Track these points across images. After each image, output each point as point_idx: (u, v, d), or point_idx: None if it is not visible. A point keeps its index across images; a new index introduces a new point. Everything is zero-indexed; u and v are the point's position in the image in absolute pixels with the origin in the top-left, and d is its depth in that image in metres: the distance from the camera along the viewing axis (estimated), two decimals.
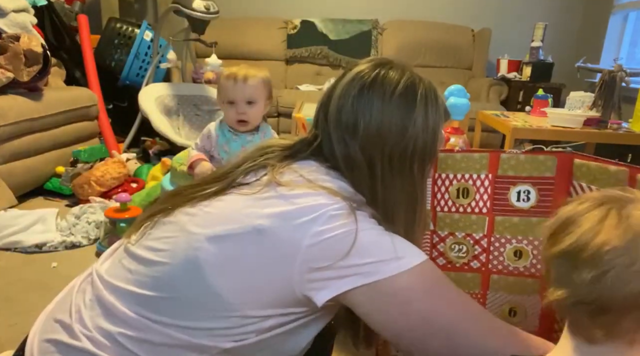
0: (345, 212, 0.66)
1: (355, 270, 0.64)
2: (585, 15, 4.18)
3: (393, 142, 0.70)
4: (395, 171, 0.72)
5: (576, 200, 0.56)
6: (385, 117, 0.70)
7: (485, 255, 1.09)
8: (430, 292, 0.68)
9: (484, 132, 3.14)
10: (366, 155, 0.71)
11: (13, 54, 2.26)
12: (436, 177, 1.07)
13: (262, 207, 0.67)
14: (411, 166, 0.72)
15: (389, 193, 0.72)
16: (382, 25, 4.17)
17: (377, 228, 0.69)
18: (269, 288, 0.65)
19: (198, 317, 0.66)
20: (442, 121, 0.76)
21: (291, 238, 0.64)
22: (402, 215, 0.73)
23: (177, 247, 0.68)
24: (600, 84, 2.38)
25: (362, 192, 0.72)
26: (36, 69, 2.31)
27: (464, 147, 1.57)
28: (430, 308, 0.67)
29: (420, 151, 0.72)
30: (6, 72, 2.23)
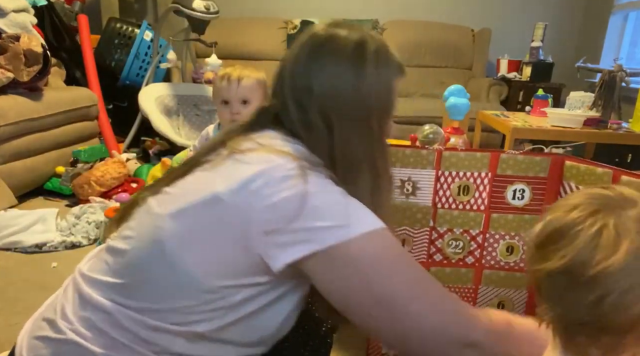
0: (296, 172, 0.65)
1: (307, 235, 0.64)
2: (585, 15, 4.18)
3: (348, 100, 0.71)
4: (353, 129, 0.72)
5: (563, 204, 0.53)
6: (337, 75, 0.71)
7: (479, 250, 1.13)
8: (381, 262, 0.67)
9: (484, 132, 3.15)
10: (323, 116, 0.71)
11: (13, 54, 2.26)
12: (439, 174, 1.09)
13: (218, 175, 0.68)
14: (369, 123, 0.73)
15: (349, 153, 0.72)
16: (382, 25, 4.17)
17: (332, 190, 0.68)
18: (230, 256, 0.65)
19: (168, 297, 0.67)
20: (395, 76, 0.76)
21: (244, 202, 0.64)
22: (366, 175, 0.73)
23: (142, 230, 0.70)
24: (600, 83, 2.38)
25: (321, 155, 0.72)
26: (36, 69, 2.31)
27: (463, 147, 1.57)
28: (378, 279, 0.66)
29: (376, 107, 0.73)
30: (6, 72, 2.23)
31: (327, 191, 0.67)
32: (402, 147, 1.10)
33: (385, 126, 0.76)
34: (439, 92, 2.27)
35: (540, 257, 0.52)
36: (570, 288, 0.49)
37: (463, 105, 1.65)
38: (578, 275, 0.48)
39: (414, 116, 3.49)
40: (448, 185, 1.10)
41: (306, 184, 0.65)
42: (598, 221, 0.49)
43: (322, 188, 0.67)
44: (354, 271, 0.65)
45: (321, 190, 0.66)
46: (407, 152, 1.08)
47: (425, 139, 1.29)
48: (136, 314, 0.67)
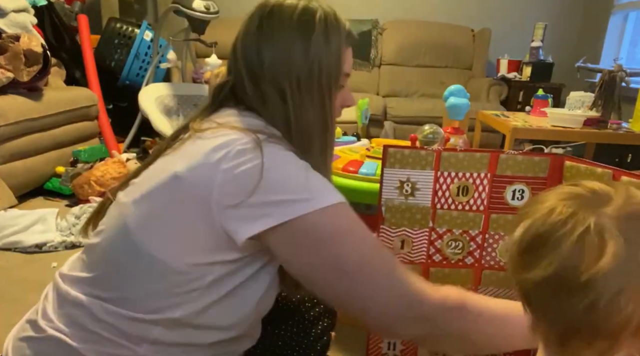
0: (251, 146, 0.66)
1: (267, 209, 0.64)
2: (585, 15, 4.18)
3: (298, 67, 0.72)
4: (305, 97, 0.73)
5: (539, 207, 0.52)
6: (286, 45, 0.72)
7: (479, 251, 1.13)
8: (339, 236, 0.68)
9: (484, 132, 3.14)
10: (275, 87, 0.73)
11: (13, 54, 2.26)
12: (438, 175, 1.09)
13: (177, 157, 0.70)
14: (320, 89, 0.74)
15: (303, 120, 0.73)
16: (382, 25, 4.17)
17: (291, 163, 0.69)
18: (195, 234, 0.66)
19: (138, 284, 0.67)
20: (344, 42, 0.76)
21: (204, 178, 0.65)
22: (317, 142, 0.75)
23: (110, 222, 0.72)
24: (600, 84, 2.38)
25: (278, 126, 0.73)
26: (36, 69, 2.31)
27: (463, 147, 1.57)
28: (336, 252, 0.68)
29: (326, 73, 0.74)
30: (6, 72, 2.23)
31: (286, 164, 0.68)
32: (401, 147, 1.10)
33: (334, 92, 0.76)
34: (439, 92, 2.27)
35: (524, 265, 0.51)
36: (561, 295, 0.48)
37: (463, 105, 1.65)
38: (568, 282, 0.47)
39: (414, 116, 3.49)
40: (447, 185, 1.10)
41: (262, 157, 0.65)
42: (578, 224, 0.48)
43: (280, 161, 0.67)
44: (313, 244, 0.67)
45: (279, 163, 0.67)
46: (405, 153, 1.08)
47: (425, 139, 1.29)
48: (111, 306, 0.68)
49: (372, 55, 4.10)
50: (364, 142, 1.86)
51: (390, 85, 4.06)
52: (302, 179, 0.67)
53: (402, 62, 4.11)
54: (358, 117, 1.88)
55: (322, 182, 0.70)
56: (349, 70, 0.79)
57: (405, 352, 1.22)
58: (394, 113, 3.57)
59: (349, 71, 0.79)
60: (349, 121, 3.09)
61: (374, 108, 3.34)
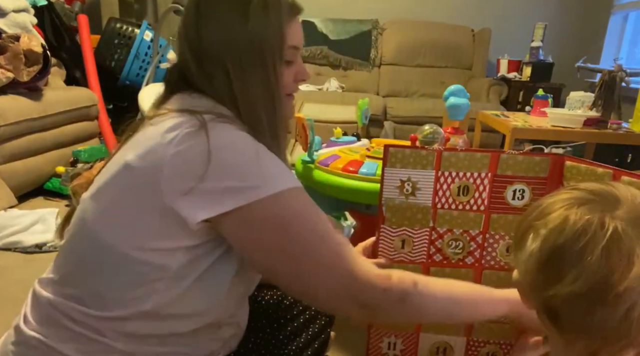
0: (196, 129, 0.65)
1: (218, 195, 0.64)
2: (585, 15, 4.18)
3: (238, 43, 0.71)
4: (248, 73, 0.72)
5: (552, 218, 0.51)
6: (224, 20, 0.71)
7: (479, 251, 1.13)
8: (289, 223, 0.67)
9: (484, 132, 3.15)
10: (218, 64, 0.71)
11: (13, 54, 2.26)
12: (439, 174, 1.09)
13: (129, 147, 0.70)
14: (263, 64, 0.72)
15: (249, 97, 0.72)
16: (382, 25, 4.17)
17: (241, 145, 0.67)
18: (149, 221, 0.65)
19: (105, 279, 0.67)
20: (287, 13, 0.75)
21: (153, 165, 0.65)
22: (265, 119, 0.73)
23: (74, 221, 0.73)
24: (600, 84, 2.38)
25: (227, 105, 0.72)
26: (36, 69, 2.31)
27: (463, 147, 1.57)
28: (285, 239, 0.67)
29: (268, 47, 0.72)
30: (6, 72, 2.23)
31: (235, 146, 0.66)
32: (402, 147, 1.10)
33: (278, 65, 0.74)
34: (439, 92, 2.27)
35: (547, 281, 0.50)
36: (595, 308, 0.47)
37: (463, 105, 1.65)
38: (603, 294, 0.47)
39: (414, 116, 3.49)
40: (448, 185, 1.10)
41: (209, 139, 0.64)
42: (598, 232, 0.47)
43: (229, 144, 0.66)
44: (263, 231, 0.66)
45: (228, 145, 0.66)
46: (406, 152, 1.08)
47: (425, 139, 1.29)
48: (80, 306, 0.68)
49: (372, 55, 4.11)
50: (364, 142, 1.86)
51: (390, 85, 4.06)
52: (253, 163, 0.66)
53: (402, 62, 4.11)
54: (358, 117, 1.89)
55: (274, 165, 0.69)
56: (297, 42, 0.77)
57: (405, 352, 1.22)
58: (394, 113, 3.57)
59: (297, 43, 0.77)
60: (349, 121, 3.09)
61: (374, 108, 3.34)
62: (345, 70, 4.12)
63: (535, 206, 0.55)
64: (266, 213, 0.65)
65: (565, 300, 0.49)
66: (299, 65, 0.79)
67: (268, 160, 0.68)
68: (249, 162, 0.66)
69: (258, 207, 0.64)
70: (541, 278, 0.51)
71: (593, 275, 0.47)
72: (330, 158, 1.46)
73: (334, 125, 2.35)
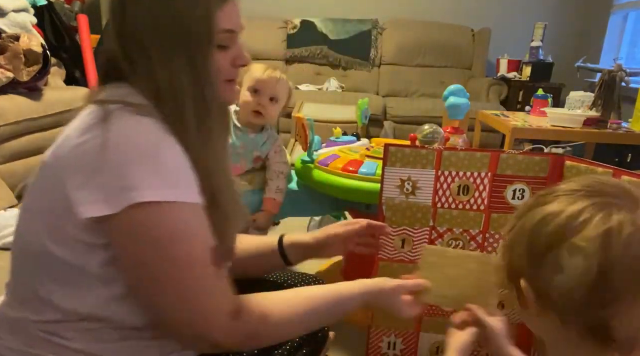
0: (98, 121, 0.63)
1: (104, 194, 0.60)
2: (585, 15, 4.18)
3: (162, 25, 0.67)
4: (172, 58, 0.67)
5: (579, 227, 0.49)
6: (151, 5, 0.67)
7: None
8: (158, 241, 0.62)
9: (484, 132, 3.15)
10: (142, 50, 0.67)
11: (13, 54, 2.26)
12: (439, 174, 1.09)
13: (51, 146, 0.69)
14: (189, 49, 0.68)
15: (172, 87, 0.67)
16: (382, 25, 4.17)
17: (141, 142, 0.62)
18: (62, 218, 0.63)
19: (40, 283, 0.67)
20: (215, 3, 0.69)
21: (58, 158, 0.65)
22: (190, 110, 0.68)
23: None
24: (600, 84, 2.38)
25: (148, 94, 0.68)
26: (36, 69, 2.31)
27: (463, 147, 1.57)
28: (149, 257, 0.62)
29: (195, 31, 0.68)
30: (6, 72, 2.23)
31: (135, 144, 0.62)
32: (402, 146, 1.10)
33: (211, 58, 0.70)
34: (439, 92, 2.27)
35: (602, 301, 0.48)
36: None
37: (463, 105, 1.64)
38: None
39: (414, 116, 3.49)
40: (448, 185, 1.10)
41: (107, 133, 0.61)
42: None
43: (127, 140, 0.62)
44: (135, 240, 0.62)
45: (126, 142, 0.62)
46: (407, 152, 1.08)
47: (425, 139, 1.29)
48: (23, 313, 0.68)
49: (372, 55, 4.11)
50: (364, 142, 1.86)
51: (390, 85, 4.06)
52: (148, 164, 0.61)
53: (402, 62, 4.11)
54: (358, 117, 1.89)
55: (173, 171, 0.63)
56: (232, 26, 0.72)
57: (405, 352, 1.22)
58: (394, 113, 3.57)
59: (232, 27, 0.72)
60: (349, 121, 3.09)
61: (374, 108, 3.34)
62: (345, 70, 4.12)
63: (553, 214, 0.52)
64: (143, 222, 0.61)
65: (624, 316, 0.48)
66: (237, 50, 0.74)
67: (168, 165, 0.63)
68: (144, 162, 0.61)
69: (137, 213, 0.60)
70: (596, 299, 0.49)
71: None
72: (330, 158, 1.46)
73: (334, 125, 2.35)
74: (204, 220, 0.66)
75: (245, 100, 1.42)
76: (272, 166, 1.47)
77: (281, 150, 1.50)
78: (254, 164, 1.47)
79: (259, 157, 1.47)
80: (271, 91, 1.41)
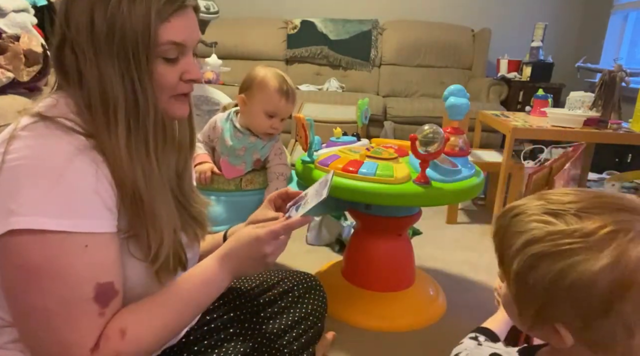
0: (8, 136, 0.61)
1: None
2: (585, 15, 4.18)
3: (98, 31, 0.64)
4: (107, 68, 0.65)
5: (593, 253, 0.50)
6: (88, 8, 0.64)
7: None
8: (28, 270, 0.60)
9: (484, 132, 3.14)
10: (76, 53, 0.65)
11: (13, 54, 2.26)
12: None
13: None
14: (125, 57, 0.65)
15: (102, 95, 0.65)
16: (382, 25, 4.17)
17: (46, 165, 0.60)
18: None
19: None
20: (156, 7, 0.66)
21: None
22: (122, 124, 0.65)
23: None
24: (600, 84, 2.38)
25: (79, 102, 0.66)
26: (36, 69, 2.31)
27: (464, 147, 1.57)
28: (17, 285, 0.61)
29: (131, 39, 0.64)
30: (6, 72, 2.23)
31: (33, 167, 0.60)
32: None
33: (150, 70, 0.67)
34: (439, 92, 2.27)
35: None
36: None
37: (463, 105, 1.64)
38: None
39: (414, 116, 3.49)
40: None
41: (8, 148, 0.60)
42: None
43: (27, 163, 0.60)
44: (6, 264, 0.61)
45: (25, 165, 0.60)
46: None
47: (425, 139, 1.29)
48: None
49: (372, 55, 4.11)
50: (364, 142, 1.86)
51: (390, 85, 4.06)
52: (44, 188, 0.59)
53: (402, 62, 4.11)
54: (358, 117, 1.89)
55: (67, 196, 0.60)
56: (180, 39, 0.68)
57: None
58: (394, 113, 3.57)
59: (180, 40, 0.68)
60: (349, 121, 3.09)
61: (374, 108, 3.34)
62: (345, 70, 4.12)
63: (600, 271, 0.50)
64: (15, 249, 0.59)
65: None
66: (186, 64, 0.71)
67: (68, 190, 0.60)
68: (39, 185, 0.59)
69: (13, 238, 0.58)
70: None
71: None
72: (330, 158, 1.46)
73: (334, 125, 2.35)
74: (97, 252, 0.63)
75: (260, 123, 1.42)
76: (272, 168, 1.47)
77: (281, 151, 1.50)
78: (253, 166, 1.47)
79: (258, 159, 1.47)
80: (286, 114, 1.42)
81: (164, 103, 0.71)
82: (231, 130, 1.44)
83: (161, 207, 0.70)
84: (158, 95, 0.69)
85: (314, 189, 0.88)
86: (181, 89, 0.72)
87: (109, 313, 0.65)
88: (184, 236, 0.80)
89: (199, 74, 0.73)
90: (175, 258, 0.74)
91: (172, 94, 0.72)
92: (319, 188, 0.86)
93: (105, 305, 0.64)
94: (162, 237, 0.70)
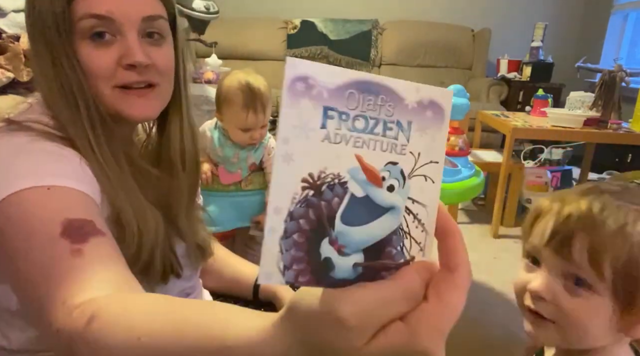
0: None
1: None
2: (585, 15, 4.18)
3: (27, 15, 0.61)
4: (36, 48, 0.61)
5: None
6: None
7: None
8: (10, 227, 0.52)
9: (484, 132, 3.15)
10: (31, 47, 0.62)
11: (13, 54, 2.26)
12: None
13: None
14: (45, 37, 0.59)
15: (41, 83, 0.63)
16: (382, 25, 4.17)
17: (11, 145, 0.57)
18: None
19: None
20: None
21: None
22: (64, 111, 0.61)
23: None
24: (600, 84, 2.38)
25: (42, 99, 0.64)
26: None
27: (463, 147, 1.57)
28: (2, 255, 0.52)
29: (44, 12, 0.58)
30: (6, 72, 2.23)
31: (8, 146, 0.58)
32: None
33: (72, 49, 0.59)
34: None
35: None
36: None
37: (463, 105, 1.64)
38: None
39: None
40: None
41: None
42: None
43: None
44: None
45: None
46: None
47: None
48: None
49: (372, 55, 4.11)
50: None
51: None
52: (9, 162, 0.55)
53: (402, 62, 4.11)
54: None
55: (25, 165, 0.55)
56: (103, 10, 0.59)
57: None
58: None
59: (104, 11, 0.59)
60: None
61: None
62: None
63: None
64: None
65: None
66: (124, 46, 0.60)
67: (25, 159, 0.56)
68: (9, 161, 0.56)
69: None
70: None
71: None
72: None
73: None
74: (65, 194, 0.54)
75: (239, 138, 1.39)
76: (268, 168, 1.47)
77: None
78: (250, 170, 1.46)
79: (254, 163, 1.46)
80: (260, 123, 1.37)
81: (106, 96, 0.62)
82: (221, 138, 1.42)
83: (126, 206, 0.62)
84: (92, 83, 0.61)
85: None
86: (122, 76, 0.61)
87: (90, 254, 0.50)
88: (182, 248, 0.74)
89: (141, 57, 0.61)
90: (163, 262, 0.67)
91: (114, 84, 0.62)
92: None
93: (78, 240, 0.50)
94: (140, 238, 0.62)
